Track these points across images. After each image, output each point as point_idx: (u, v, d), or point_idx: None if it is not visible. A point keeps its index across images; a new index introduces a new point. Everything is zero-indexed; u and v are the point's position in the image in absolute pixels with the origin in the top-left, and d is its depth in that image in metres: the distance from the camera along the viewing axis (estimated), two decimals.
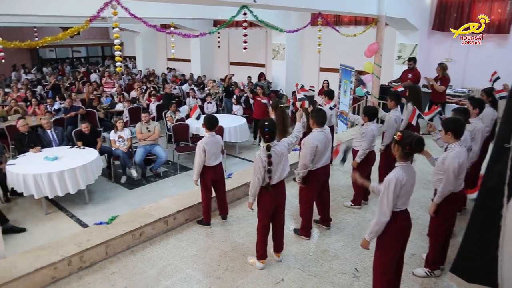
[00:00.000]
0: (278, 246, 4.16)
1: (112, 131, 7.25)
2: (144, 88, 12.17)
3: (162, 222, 4.73)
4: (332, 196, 4.93)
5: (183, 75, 15.30)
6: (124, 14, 4.67)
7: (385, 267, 3.17)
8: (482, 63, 9.25)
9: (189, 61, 15.84)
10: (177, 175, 7.35)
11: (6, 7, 6.57)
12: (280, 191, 3.96)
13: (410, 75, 8.69)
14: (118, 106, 10.35)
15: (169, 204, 5.03)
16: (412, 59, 8.80)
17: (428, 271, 3.84)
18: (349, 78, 8.67)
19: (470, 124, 4.61)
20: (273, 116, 5.59)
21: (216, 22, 14.33)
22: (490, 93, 5.58)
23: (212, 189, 4.85)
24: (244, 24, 6.10)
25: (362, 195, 5.33)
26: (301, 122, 5.25)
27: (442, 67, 8.20)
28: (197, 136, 7.88)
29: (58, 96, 10.20)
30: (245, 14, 5.75)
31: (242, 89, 11.46)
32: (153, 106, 10.08)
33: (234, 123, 8.29)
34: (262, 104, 8.42)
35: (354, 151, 5.22)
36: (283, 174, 3.93)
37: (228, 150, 8.11)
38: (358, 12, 8.04)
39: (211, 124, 4.66)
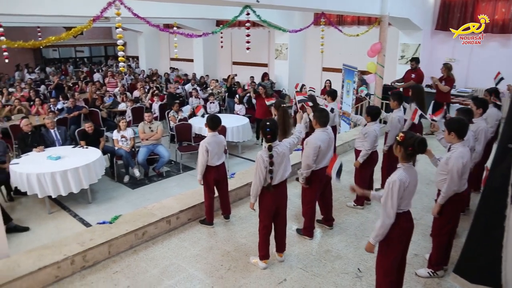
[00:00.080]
0: (280, 246, 4.16)
1: (115, 131, 7.26)
2: (147, 88, 12.19)
3: (165, 222, 4.73)
4: (334, 196, 4.92)
5: (186, 75, 15.31)
6: (127, 14, 4.67)
7: (388, 268, 3.16)
8: (486, 63, 9.23)
9: (192, 61, 15.86)
10: (179, 175, 7.36)
11: (10, 7, 6.59)
12: (281, 192, 3.96)
13: (413, 75, 8.66)
14: (121, 106, 10.38)
15: (171, 203, 5.03)
16: (414, 59, 8.78)
17: (431, 272, 3.83)
18: (352, 78, 8.66)
19: (473, 124, 4.59)
20: (275, 116, 5.60)
21: (219, 22, 14.34)
22: (495, 94, 5.58)
23: (215, 188, 4.85)
24: (247, 24, 6.10)
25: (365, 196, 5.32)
26: (302, 123, 5.26)
27: (447, 67, 8.17)
28: (199, 136, 7.88)
29: (61, 95, 10.24)
30: (248, 14, 5.75)
31: (247, 89, 11.45)
32: (155, 106, 10.10)
33: (236, 123, 8.29)
34: (265, 103, 8.41)
35: (357, 151, 5.21)
36: (285, 174, 3.93)
37: (230, 150, 8.12)
38: (361, 12, 8.03)
39: (214, 124, 4.66)
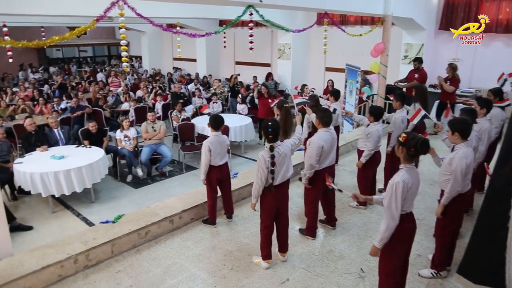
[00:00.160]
0: (283, 247, 4.16)
1: (118, 130, 7.28)
2: (150, 87, 12.21)
3: (168, 221, 4.74)
4: (337, 196, 4.91)
5: (189, 75, 15.33)
6: (130, 14, 4.68)
7: (391, 270, 3.15)
8: (490, 63, 9.18)
9: (195, 60, 15.87)
10: (182, 174, 7.37)
11: (14, 7, 6.62)
12: (282, 192, 3.95)
13: (416, 75, 8.64)
14: (124, 106, 10.40)
15: (174, 203, 5.04)
16: (417, 59, 8.75)
17: (434, 272, 3.82)
18: (355, 78, 8.65)
19: (477, 124, 4.57)
20: (278, 115, 5.59)
21: (222, 22, 14.35)
22: (498, 93, 5.55)
23: (217, 188, 4.86)
24: (250, 24, 6.10)
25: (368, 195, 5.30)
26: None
27: (452, 68, 8.13)
28: (202, 135, 7.89)
29: (65, 95, 10.27)
30: (251, 14, 5.75)
31: (252, 88, 11.41)
32: (158, 106, 10.11)
33: (239, 123, 8.29)
34: (268, 103, 8.42)
35: (360, 152, 5.20)
36: (287, 175, 3.92)
37: (233, 150, 8.12)
38: (365, 11, 8.00)
39: (217, 123, 4.67)
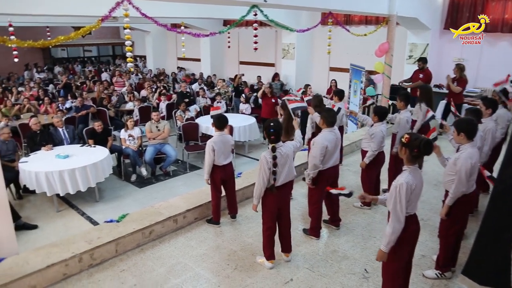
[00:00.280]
0: (286, 247, 4.15)
1: (122, 130, 7.30)
2: (154, 87, 12.24)
3: (172, 221, 4.75)
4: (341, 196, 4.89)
5: (193, 74, 15.36)
6: (135, 14, 4.70)
7: (395, 272, 3.13)
8: (495, 63, 9.13)
9: (199, 60, 15.89)
10: (186, 174, 7.38)
11: (20, 7, 6.67)
12: (284, 193, 3.94)
13: (421, 75, 8.60)
14: (129, 105, 10.43)
15: (178, 202, 5.05)
16: (421, 59, 8.71)
17: (438, 273, 3.80)
18: (359, 78, 8.63)
19: (481, 124, 4.55)
20: (281, 115, 5.59)
21: (226, 22, 14.36)
22: (503, 94, 5.51)
23: (221, 188, 4.86)
24: (254, 25, 6.10)
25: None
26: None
27: (459, 68, 8.06)
28: (206, 135, 7.90)
29: (70, 94, 10.32)
30: (255, 14, 5.74)
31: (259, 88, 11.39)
32: (163, 105, 10.14)
33: (243, 123, 8.30)
34: (271, 103, 8.42)
35: (363, 152, 5.19)
36: (289, 176, 3.90)
37: (237, 150, 8.12)
38: (369, 11, 7.99)
39: (221, 123, 4.67)
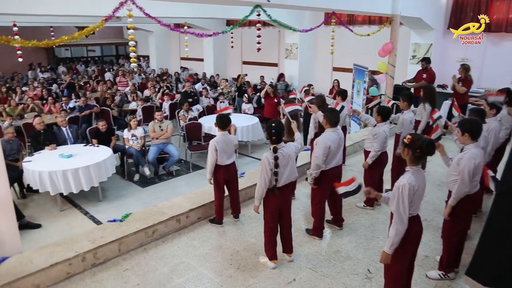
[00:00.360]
0: (287, 248, 4.15)
1: (125, 130, 7.32)
2: (157, 87, 12.26)
3: (175, 220, 4.76)
4: None
5: (196, 74, 15.37)
6: (138, 14, 4.71)
7: (397, 273, 3.12)
8: (499, 63, 9.09)
9: (202, 60, 15.90)
10: (189, 174, 7.39)
11: (24, 7, 6.69)
12: (285, 194, 3.94)
13: (424, 75, 8.58)
14: (132, 105, 10.46)
15: (181, 202, 5.06)
16: (425, 59, 8.69)
17: (442, 274, 3.79)
18: (362, 78, 8.61)
19: (485, 124, 4.53)
20: (284, 116, 5.59)
21: (229, 22, 14.37)
22: (508, 94, 5.48)
23: (225, 188, 4.86)
24: (257, 25, 6.09)
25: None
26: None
27: (464, 68, 8.03)
28: (209, 135, 7.90)
29: (74, 94, 10.35)
30: (258, 15, 5.74)
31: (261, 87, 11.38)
32: (166, 105, 10.15)
33: (246, 123, 8.30)
34: (274, 103, 8.41)
35: (366, 152, 5.18)
36: (290, 177, 3.89)
37: (240, 149, 8.12)
38: (372, 11, 7.97)
39: (223, 123, 4.67)
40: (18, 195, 6.27)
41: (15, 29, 7.56)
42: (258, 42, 6.28)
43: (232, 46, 13.60)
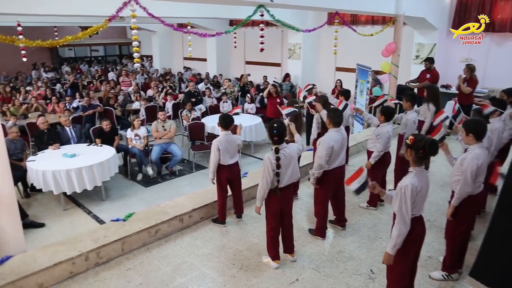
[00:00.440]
0: (288, 248, 4.15)
1: (129, 129, 7.33)
2: (160, 87, 12.29)
3: (178, 220, 4.77)
4: (347, 196, 4.87)
5: (199, 74, 15.39)
6: (142, 14, 4.72)
7: (400, 274, 3.11)
8: (503, 63, 9.05)
9: (205, 60, 15.91)
10: (192, 174, 7.40)
11: (28, 7, 6.72)
12: (287, 195, 3.93)
13: (428, 75, 8.55)
14: (135, 105, 10.48)
15: (184, 202, 5.07)
16: (428, 59, 8.65)
17: (445, 275, 3.78)
18: (365, 78, 8.59)
19: (489, 124, 4.52)
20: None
21: (232, 22, 14.37)
22: (510, 93, 5.46)
23: (227, 187, 4.86)
24: (261, 25, 6.10)
25: (378, 196, 5.26)
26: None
27: (469, 68, 7.98)
28: (212, 135, 7.91)
29: (78, 93, 10.38)
30: (262, 15, 5.74)
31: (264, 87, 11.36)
32: (169, 105, 10.16)
33: (249, 123, 8.30)
34: (276, 102, 8.41)
35: (369, 152, 5.17)
36: (292, 177, 3.88)
37: (243, 149, 8.12)
38: (376, 11, 7.95)
39: (226, 123, 4.67)
40: (22, 194, 6.31)
41: (19, 29, 7.60)
42: (261, 42, 6.29)
43: (235, 46, 13.61)
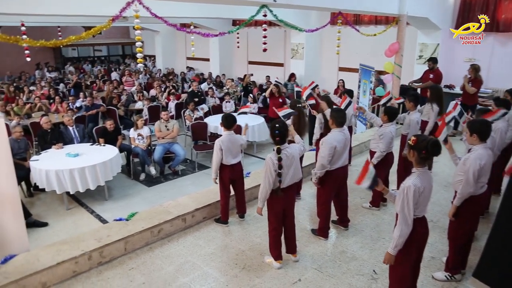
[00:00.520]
0: (290, 248, 4.15)
1: (131, 129, 7.35)
2: (163, 87, 12.30)
3: (180, 220, 4.77)
4: (350, 197, 4.88)
5: (202, 74, 15.41)
6: (145, 14, 4.73)
7: (402, 275, 3.11)
8: (507, 63, 9.01)
9: (208, 60, 15.93)
10: (195, 173, 7.41)
11: (32, 8, 6.75)
12: (289, 195, 3.92)
13: (431, 75, 8.52)
14: (138, 105, 10.50)
15: (187, 202, 5.07)
16: (431, 59, 8.63)
17: (448, 275, 3.76)
18: (368, 78, 8.58)
19: (492, 124, 4.49)
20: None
21: (235, 22, 14.38)
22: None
23: (230, 187, 4.87)
24: (263, 25, 6.09)
25: (380, 197, 5.25)
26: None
27: (474, 68, 7.95)
28: (215, 134, 7.92)
29: (81, 93, 10.41)
30: (265, 15, 5.73)
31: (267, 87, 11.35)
32: (172, 105, 10.18)
33: (252, 122, 8.29)
34: (278, 102, 8.40)
35: (372, 153, 5.16)
36: (294, 178, 3.87)
37: (246, 149, 8.11)
38: (379, 11, 7.94)
39: (228, 123, 4.67)
40: (25, 194, 6.33)
41: (23, 28, 7.64)
42: (264, 43, 6.28)
43: (238, 46, 13.61)
